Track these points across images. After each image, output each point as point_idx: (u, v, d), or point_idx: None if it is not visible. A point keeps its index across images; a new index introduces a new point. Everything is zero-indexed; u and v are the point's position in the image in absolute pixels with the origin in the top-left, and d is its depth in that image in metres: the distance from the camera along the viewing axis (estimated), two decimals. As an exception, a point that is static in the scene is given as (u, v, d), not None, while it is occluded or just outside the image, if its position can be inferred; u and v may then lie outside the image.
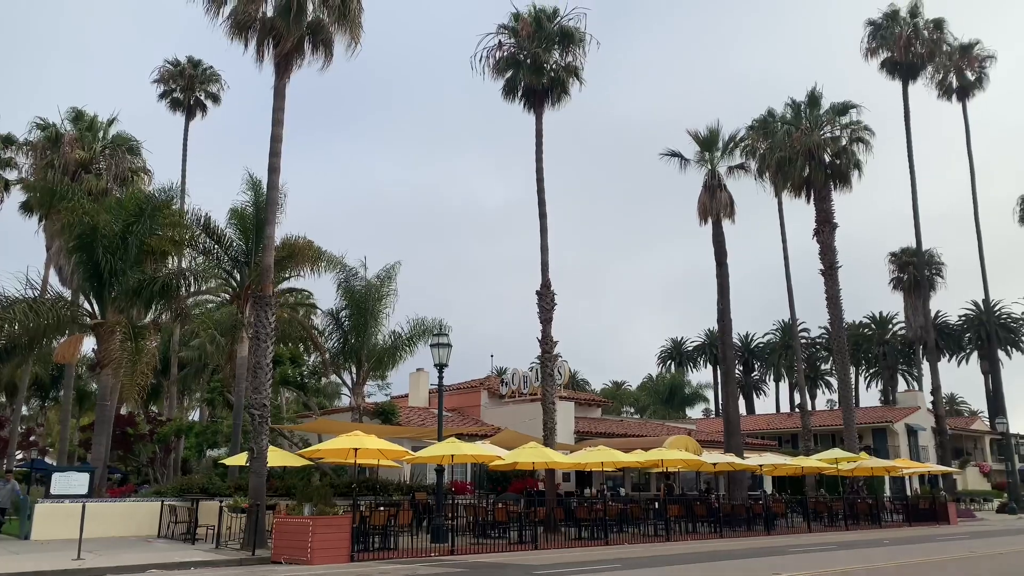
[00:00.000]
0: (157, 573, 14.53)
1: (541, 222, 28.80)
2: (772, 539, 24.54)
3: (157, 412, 40.15)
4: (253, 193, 26.88)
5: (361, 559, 16.84)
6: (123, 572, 14.50)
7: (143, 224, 24.75)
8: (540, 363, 29.29)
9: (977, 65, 50.64)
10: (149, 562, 15.40)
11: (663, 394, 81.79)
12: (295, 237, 27.09)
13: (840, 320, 39.80)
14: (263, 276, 20.51)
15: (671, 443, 29.16)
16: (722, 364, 37.93)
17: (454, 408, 37.71)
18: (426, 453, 22.08)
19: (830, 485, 39.80)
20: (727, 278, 34.79)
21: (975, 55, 50.49)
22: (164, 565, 15.18)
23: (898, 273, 64.14)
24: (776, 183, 40.27)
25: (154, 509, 22.25)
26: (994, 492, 54.20)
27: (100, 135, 35.82)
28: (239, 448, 25.03)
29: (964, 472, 55.02)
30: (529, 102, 29.94)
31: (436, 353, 22.86)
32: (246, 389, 22.72)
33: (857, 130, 39.43)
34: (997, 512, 46.75)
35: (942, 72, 50.45)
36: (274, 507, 20.53)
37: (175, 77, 45.30)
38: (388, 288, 31.51)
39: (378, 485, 26.27)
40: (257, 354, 19.86)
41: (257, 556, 16.89)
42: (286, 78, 21.11)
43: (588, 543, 21.73)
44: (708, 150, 35.38)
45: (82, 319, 24.91)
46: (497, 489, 31.52)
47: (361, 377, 31.59)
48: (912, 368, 71.28)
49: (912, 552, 19.10)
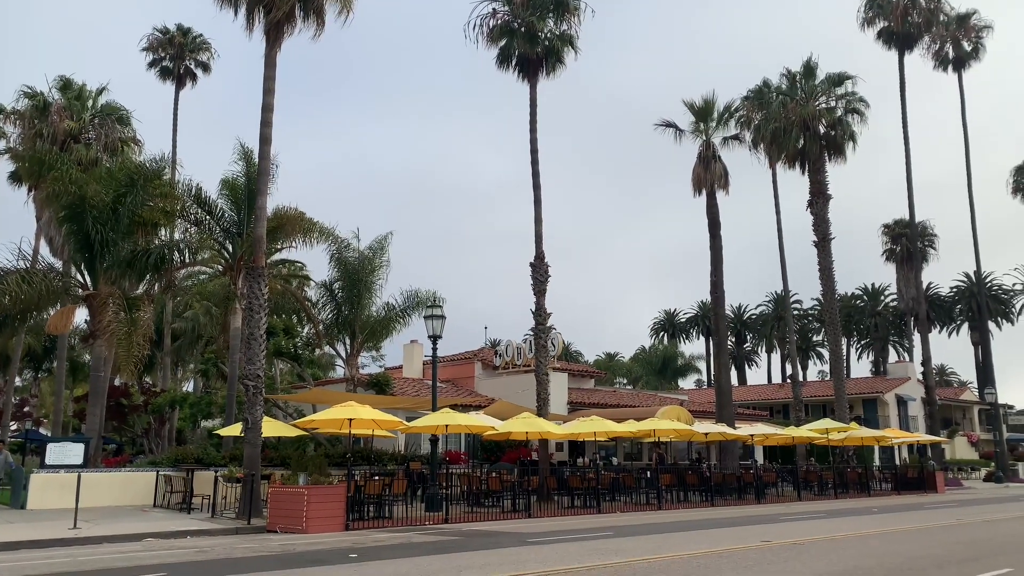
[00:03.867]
0: (154, 541, 14.65)
1: (535, 193, 28.71)
2: (763, 508, 24.87)
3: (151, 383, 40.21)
4: (245, 163, 26.70)
5: (356, 528, 17.01)
6: (120, 540, 14.61)
7: (134, 195, 24.56)
8: (534, 335, 29.38)
9: (974, 35, 50.37)
10: (145, 531, 15.52)
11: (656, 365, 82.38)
12: (287, 208, 26.95)
13: (832, 292, 39.98)
14: (255, 247, 20.45)
15: (663, 413, 29.38)
16: (715, 335, 38.16)
17: (448, 379, 37.88)
18: (420, 423, 22.22)
19: (820, 455, 40.29)
20: (720, 250, 34.85)
21: (972, 25, 50.20)
22: (160, 534, 15.31)
23: (891, 245, 64.37)
24: (770, 154, 40.16)
25: (149, 479, 22.35)
26: (981, 461, 54.96)
27: (89, 104, 35.42)
28: (233, 419, 25.18)
29: (952, 442, 55.74)
30: (523, 71, 29.67)
31: (430, 325, 22.91)
32: (240, 360, 22.77)
33: (852, 101, 39.26)
34: (984, 481, 47.43)
35: (939, 42, 50.19)
36: (269, 477, 20.68)
37: (164, 45, 44.73)
38: (381, 259, 31.46)
39: (373, 455, 26.46)
40: (251, 325, 19.87)
41: (253, 525, 17.04)
42: (277, 47, 20.87)
43: (581, 512, 21.97)
44: (703, 120, 35.22)
45: (74, 290, 24.83)
46: (491, 459, 31.79)
47: (355, 348, 31.65)
48: (903, 339, 71.81)
49: (900, 520, 19.39)
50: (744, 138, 37.81)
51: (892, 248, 64.29)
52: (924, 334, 47.70)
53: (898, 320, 71.70)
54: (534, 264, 28.25)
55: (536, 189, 28.75)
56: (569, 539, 14.66)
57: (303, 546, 13.93)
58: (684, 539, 14.66)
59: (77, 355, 46.64)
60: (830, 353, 41.94)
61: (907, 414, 52.81)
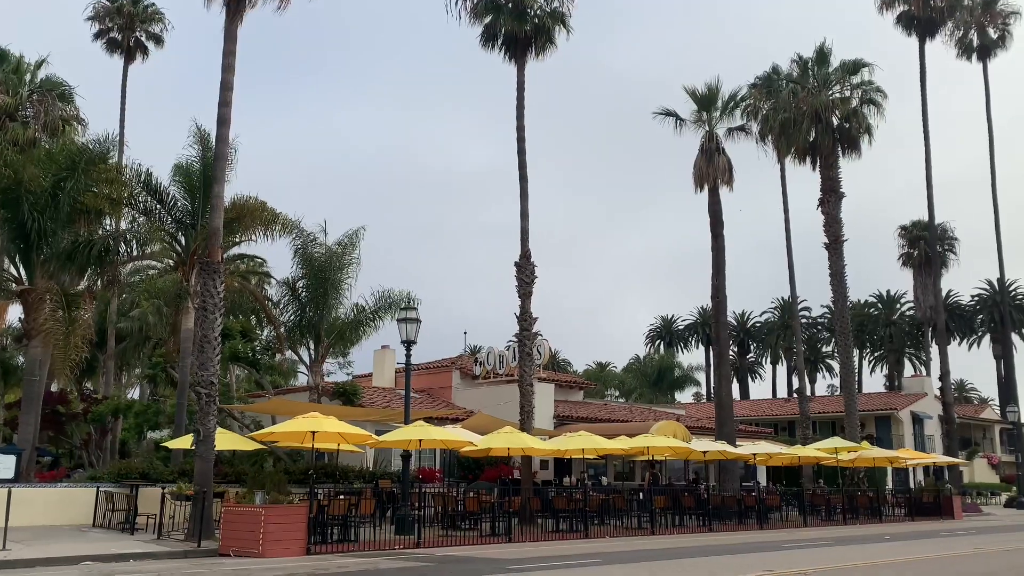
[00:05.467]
0: (92, 565, 14.50)
1: (521, 185, 28.73)
2: (765, 534, 25.01)
3: (92, 389, 39.85)
4: (200, 147, 26.54)
5: (318, 552, 16.92)
6: (54, 564, 14.45)
7: (76, 179, 24.37)
8: (518, 341, 29.39)
9: (1001, 22, 50.96)
10: (83, 553, 15.35)
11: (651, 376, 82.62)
12: (247, 197, 26.84)
13: (844, 298, 40.29)
14: (211, 240, 20.33)
15: (658, 429, 29.48)
16: (715, 345, 38.34)
17: (423, 389, 37.80)
18: (391, 437, 22.15)
19: (829, 476, 40.56)
20: (723, 251, 35.01)
21: (999, 10, 50.78)
22: (100, 557, 15.14)
23: (908, 248, 64.92)
24: (779, 147, 40.41)
25: (89, 496, 22.13)
26: (1002, 485, 55.55)
27: (27, 79, 35.12)
28: (184, 430, 24.98)
29: (971, 464, 56.29)
30: (510, 51, 29.72)
31: (403, 329, 22.85)
32: (192, 365, 22.59)
33: (869, 91, 39.59)
34: (1005, 507, 47.98)
35: (962, 28, 50.71)
36: (222, 495, 20.53)
37: (112, 15, 44.34)
38: (351, 256, 31.43)
39: (338, 472, 26.37)
40: (204, 327, 19.74)
41: (203, 548, 16.90)
42: (239, 19, 20.76)
43: (566, 536, 21.99)
44: (706, 110, 35.38)
45: (7, 285, 24.60)
46: (468, 477, 31.76)
47: (320, 354, 31.55)
48: (920, 351, 72.52)
49: (913, 548, 19.56)
50: (750, 130, 37.95)
51: (909, 252, 64.87)
52: (943, 346, 48.17)
53: (915, 330, 72.39)
54: (519, 263, 28.26)
55: (522, 181, 28.76)
56: (553, 566, 14.67)
57: (259, 572, 13.85)
58: (677, 568, 14.71)
59: (9, 356, 46.02)
60: (840, 365, 42.26)
61: (923, 433, 53.30)
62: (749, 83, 40.38)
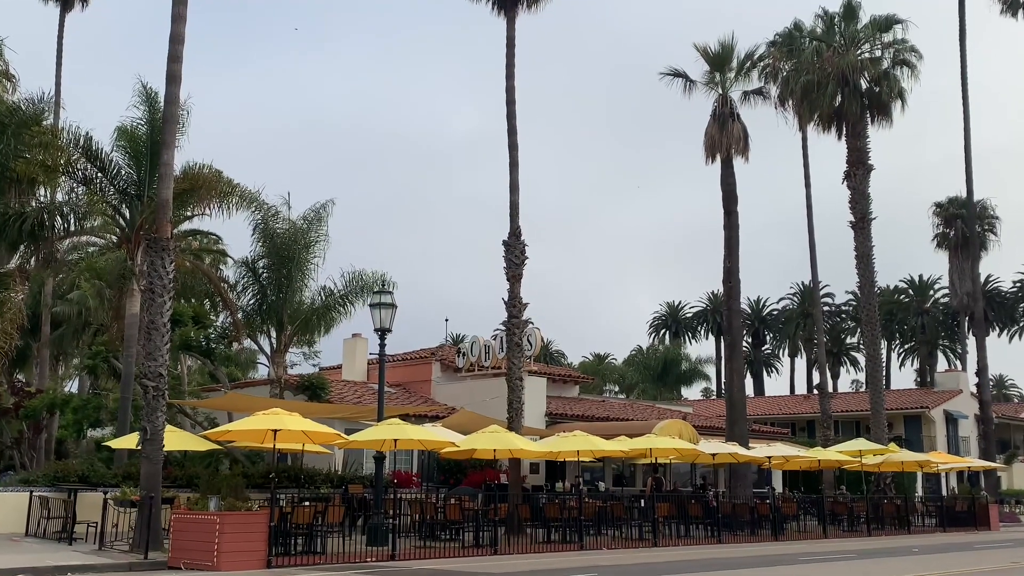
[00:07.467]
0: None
1: (511, 155, 28.67)
2: (780, 546, 25.24)
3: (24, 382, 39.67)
4: (147, 108, 26.39)
5: (280, 565, 16.98)
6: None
7: (5, 143, 24.33)
8: (506, 330, 29.41)
9: (1051, -27, 50.97)
10: (15, 566, 15.34)
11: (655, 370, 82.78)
12: (201, 165, 26.73)
13: (872, 284, 40.50)
14: (159, 213, 20.24)
15: (662, 429, 29.61)
16: (727, 335, 38.48)
17: (399, 383, 37.85)
18: (363, 437, 22.20)
19: (852, 482, 40.90)
20: (736, 230, 35.10)
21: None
22: (35, 570, 15.17)
23: (943, 228, 65.15)
24: (800, 114, 40.46)
25: (21, 501, 22.13)
26: (1045, 493, 56.09)
27: (-51, 28, 34.68)
28: (128, 428, 24.98)
29: (1010, 468, 56.80)
30: (499, 2, 29.56)
31: (377, 315, 22.83)
32: (137, 355, 22.54)
33: (902, 51, 39.65)
34: (1047, 516, 48.44)
35: (1009, -23, 50.70)
36: (172, 501, 20.61)
37: (47, -44, 43.89)
38: (318, 233, 31.28)
39: (303, 475, 26.42)
40: (151, 311, 19.68)
41: (150, 560, 16.95)
42: (190, -39, 20.55)
43: (559, 547, 22.14)
44: (719, 70, 35.36)
45: (-73, 263, 24.42)
46: (450, 482, 31.88)
47: (283, 343, 31.47)
48: (955, 343, 72.95)
49: (944, 562, 19.76)
50: (768, 93, 38.01)
51: (944, 232, 65.10)
52: (980, 338, 48.48)
53: (950, 320, 72.80)
54: (508, 242, 28.25)
55: (512, 149, 28.71)
56: (544, 581, 14.74)
57: (213, 587, 13.85)
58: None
59: (-70, 345, 45.89)
60: (866, 359, 42.54)
61: (957, 434, 53.73)
62: (768, 41, 40.29)
